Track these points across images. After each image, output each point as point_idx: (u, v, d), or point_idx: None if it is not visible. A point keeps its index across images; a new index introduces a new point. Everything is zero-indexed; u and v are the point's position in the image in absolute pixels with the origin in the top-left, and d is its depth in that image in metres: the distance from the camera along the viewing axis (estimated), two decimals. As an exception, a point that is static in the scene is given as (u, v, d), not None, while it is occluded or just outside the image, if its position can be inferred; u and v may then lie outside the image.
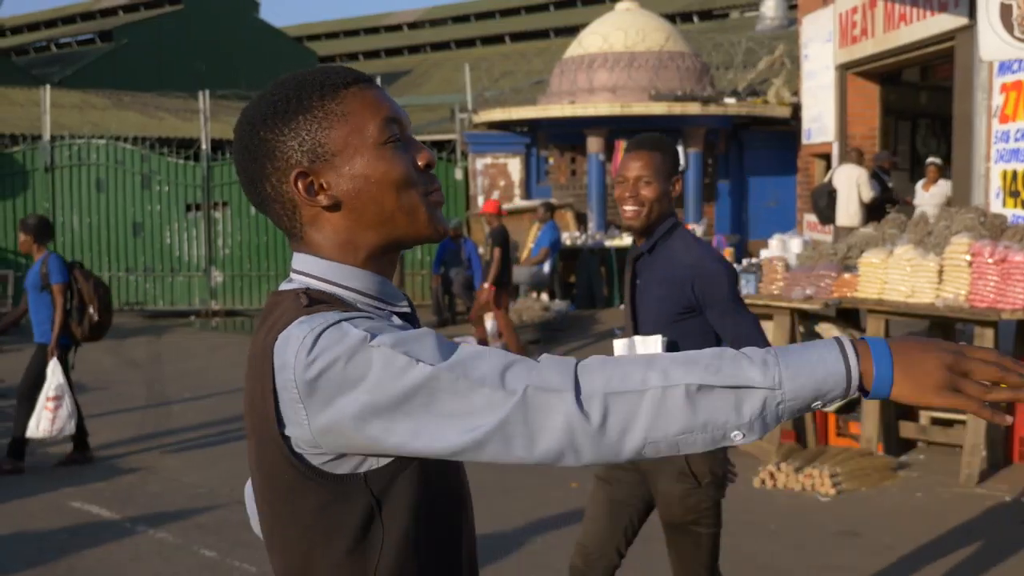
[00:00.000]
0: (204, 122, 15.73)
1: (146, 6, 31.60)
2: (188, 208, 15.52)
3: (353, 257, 1.44)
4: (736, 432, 1.22)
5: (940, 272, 6.26)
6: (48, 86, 16.57)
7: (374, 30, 37.95)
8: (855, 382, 1.22)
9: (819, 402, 1.23)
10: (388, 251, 1.47)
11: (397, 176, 1.42)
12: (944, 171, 11.76)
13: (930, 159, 12.14)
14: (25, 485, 6.58)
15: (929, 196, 11.67)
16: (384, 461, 1.34)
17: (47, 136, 15.58)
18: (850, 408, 6.90)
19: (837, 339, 1.25)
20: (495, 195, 15.67)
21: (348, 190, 1.42)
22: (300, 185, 1.41)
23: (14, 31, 35.17)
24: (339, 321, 1.29)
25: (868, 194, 11.54)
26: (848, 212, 11.57)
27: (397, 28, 37.29)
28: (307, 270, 1.43)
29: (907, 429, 6.80)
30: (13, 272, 14.75)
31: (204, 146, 15.59)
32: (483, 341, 10.87)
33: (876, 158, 12.38)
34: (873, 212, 11.11)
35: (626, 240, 14.11)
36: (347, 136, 1.41)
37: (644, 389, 1.22)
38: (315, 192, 1.42)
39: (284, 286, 1.44)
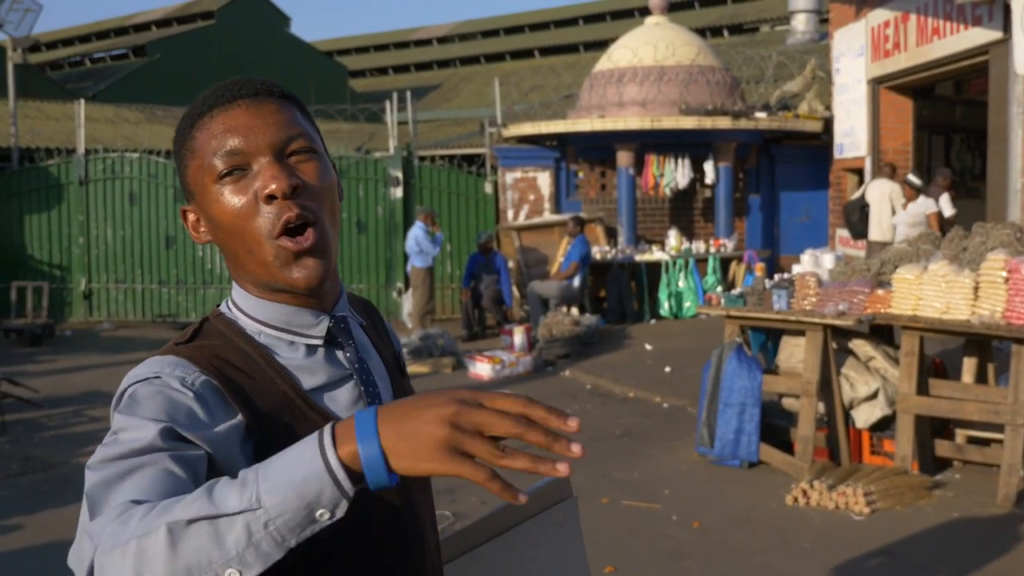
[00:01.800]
0: (236, 136, 15.79)
1: (178, 21, 31.90)
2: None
3: (250, 289, 1.37)
4: (230, 570, 0.99)
5: (976, 288, 6.19)
6: (82, 100, 16.75)
7: (404, 44, 38.12)
8: (340, 476, 1.01)
9: (322, 512, 1.01)
10: (278, 290, 1.35)
11: (226, 219, 1.31)
12: (922, 189, 11.21)
13: (907, 176, 11.52)
14: (61, 495, 6.62)
15: (906, 215, 11.11)
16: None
17: (81, 150, 15.75)
18: (884, 426, 6.83)
19: (322, 429, 1.04)
20: (525, 209, 15.69)
21: (210, 231, 1.36)
22: (188, 221, 1.38)
23: (49, 46, 35.58)
24: (145, 379, 1.23)
25: (901, 208, 11.43)
26: (881, 227, 11.50)
27: (427, 43, 37.43)
28: (233, 293, 1.40)
29: (943, 448, 6.73)
30: (48, 284, 14.90)
31: (236, 160, 15.66)
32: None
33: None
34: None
35: (657, 254, 14.09)
36: (196, 173, 1.34)
37: (126, 542, 1.01)
38: (197, 230, 1.38)
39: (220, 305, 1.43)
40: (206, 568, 0.99)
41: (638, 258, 13.98)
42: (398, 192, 15.59)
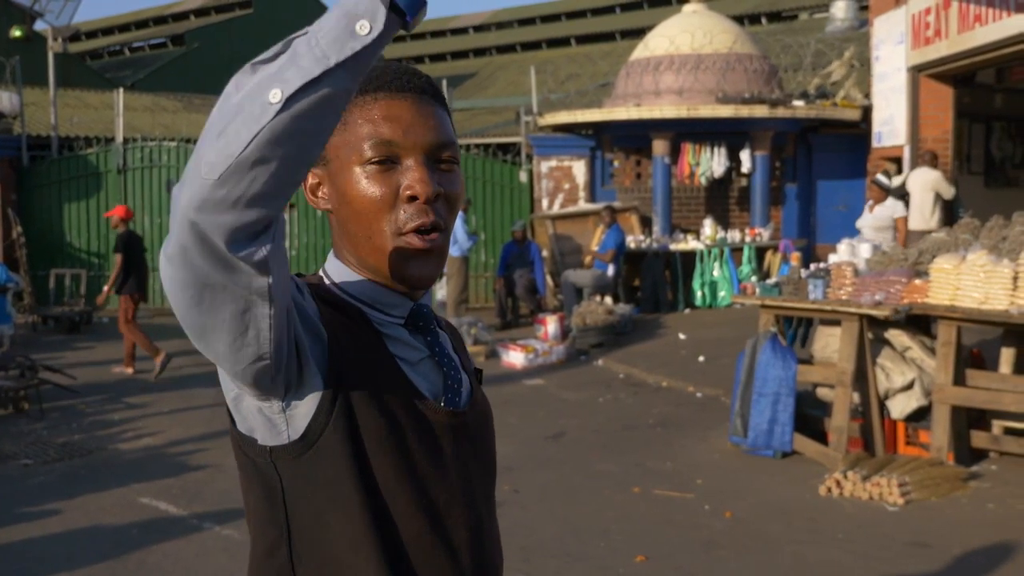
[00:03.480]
0: (272, 124, 15.89)
1: (217, 10, 32.09)
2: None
3: (351, 262, 1.39)
4: (273, 89, 1.03)
5: (1015, 279, 6.11)
6: (121, 89, 16.91)
7: (440, 33, 38.12)
8: None
9: (362, 23, 1.04)
10: (376, 272, 1.38)
11: (359, 203, 1.33)
12: (890, 191, 10.58)
13: (876, 176, 10.86)
14: (98, 481, 6.71)
15: (873, 218, 10.57)
16: (284, 436, 1.27)
17: (120, 138, 15.90)
18: (920, 416, 6.77)
19: None
20: (560, 198, 15.67)
21: (333, 201, 1.37)
22: (306, 184, 1.39)
23: (89, 35, 35.90)
24: None
25: (950, 193, 11.29)
26: (923, 215, 11.36)
27: (463, 31, 37.41)
28: (327, 264, 1.43)
29: (979, 439, 6.66)
30: (86, 271, 15.07)
31: (272, 148, 15.76)
32: (131, 354, 10.56)
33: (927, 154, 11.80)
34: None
35: (691, 243, 14.02)
36: (340, 146, 1.35)
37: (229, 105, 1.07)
38: (316, 194, 1.39)
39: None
40: (254, 91, 1.04)
41: (673, 247, 13.92)
42: (433, 181, 15.59)
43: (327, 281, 1.40)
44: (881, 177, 10.71)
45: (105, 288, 10.58)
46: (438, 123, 1.36)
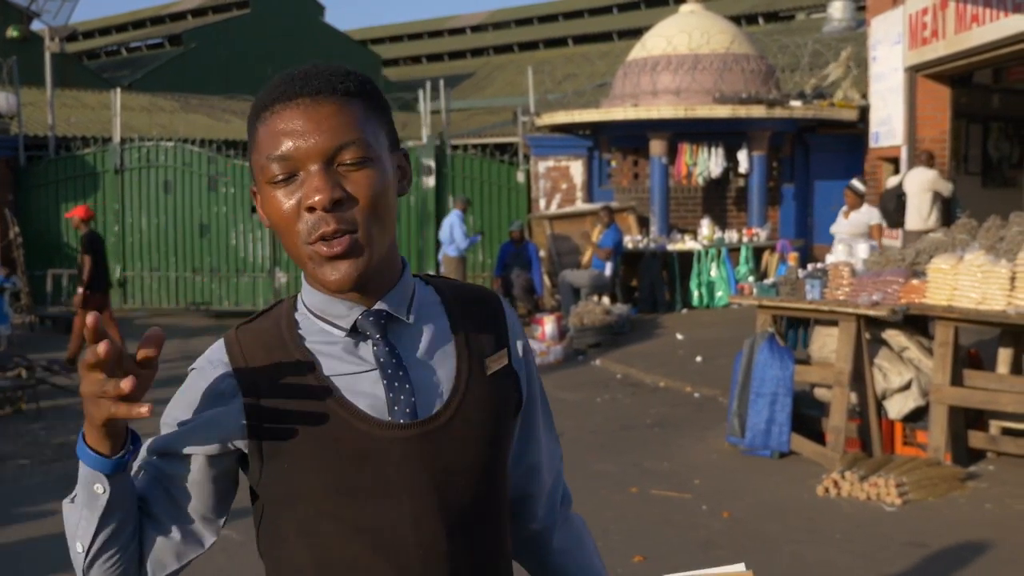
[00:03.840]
0: (270, 125, 15.90)
1: (214, 10, 32.06)
2: (253, 210, 15.68)
3: (306, 277, 1.41)
4: (78, 542, 1.37)
5: (1012, 279, 6.11)
6: (118, 89, 16.89)
7: (437, 33, 38.12)
8: (89, 459, 1.29)
9: (97, 486, 1.29)
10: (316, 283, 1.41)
11: (274, 218, 1.35)
12: (865, 196, 10.35)
13: (851, 182, 10.61)
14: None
15: (848, 224, 10.30)
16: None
17: (117, 138, 15.89)
18: (917, 417, 6.77)
19: None
20: (557, 198, 15.67)
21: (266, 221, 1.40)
22: (256, 201, 1.41)
23: (86, 35, 35.86)
24: (194, 368, 1.43)
25: (948, 190, 11.30)
26: (920, 215, 11.37)
27: (460, 31, 37.41)
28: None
29: (977, 439, 6.66)
30: (84, 271, 15.04)
31: (270, 148, 15.76)
32: (72, 359, 10.52)
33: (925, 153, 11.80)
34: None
35: (689, 243, 14.02)
36: (255, 166, 1.37)
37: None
38: (264, 214, 1.40)
39: None
40: (71, 539, 1.36)
41: (670, 247, 13.93)
42: (430, 181, 15.61)
43: (300, 301, 1.44)
44: (855, 182, 10.47)
45: (80, 289, 10.57)
46: (336, 124, 1.32)
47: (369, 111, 1.37)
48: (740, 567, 1.68)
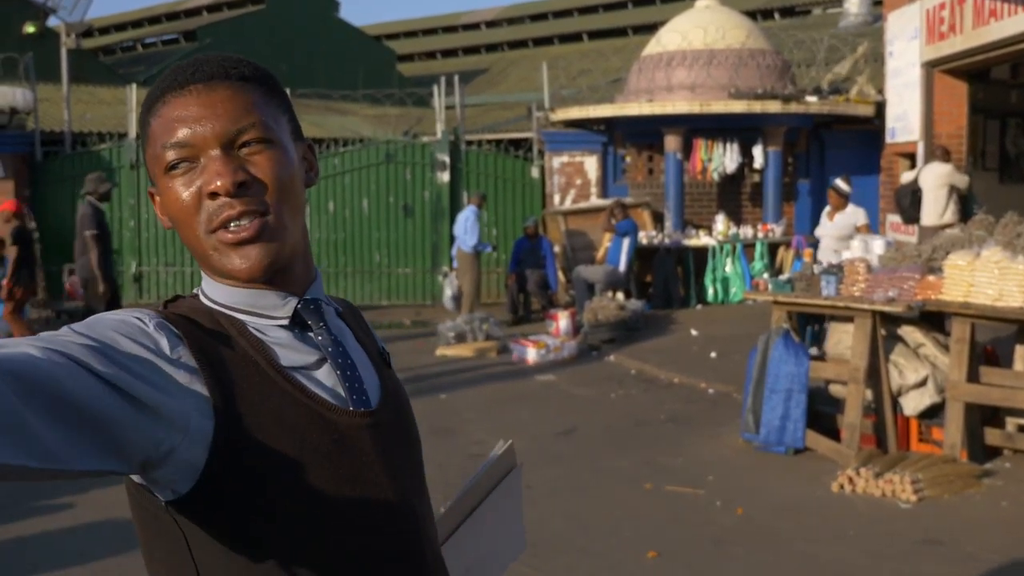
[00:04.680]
0: (285, 120, 15.93)
1: (229, 6, 32.12)
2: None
3: (213, 275, 1.31)
4: None
5: (1029, 275, 6.07)
6: (134, 85, 16.93)
7: (452, 29, 38.10)
8: None
9: None
10: (230, 277, 1.29)
11: (173, 210, 1.27)
12: (850, 197, 9.87)
13: (835, 182, 10.07)
14: (114, 476, 6.71)
15: (832, 227, 9.78)
16: (180, 489, 1.19)
17: (133, 134, 15.93)
18: (933, 413, 6.74)
19: None
20: (571, 193, 15.64)
21: (168, 217, 1.30)
22: (155, 203, 1.33)
23: (102, 31, 35.98)
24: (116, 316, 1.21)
25: (965, 183, 11.23)
26: (936, 211, 11.31)
27: (475, 27, 37.38)
28: (203, 282, 1.35)
29: (993, 436, 6.62)
30: (99, 266, 15.09)
31: (284, 144, 15.80)
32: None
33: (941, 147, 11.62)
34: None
35: (704, 239, 13.98)
36: (151, 160, 1.29)
37: None
38: (162, 212, 1.32)
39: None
40: None
41: (685, 243, 13.89)
42: (445, 176, 15.61)
43: (205, 300, 1.32)
44: (839, 183, 9.95)
45: (5, 282, 10.64)
46: (231, 107, 1.26)
47: (267, 96, 1.31)
48: (500, 444, 1.74)
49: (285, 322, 1.31)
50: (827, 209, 10.01)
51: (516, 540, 1.83)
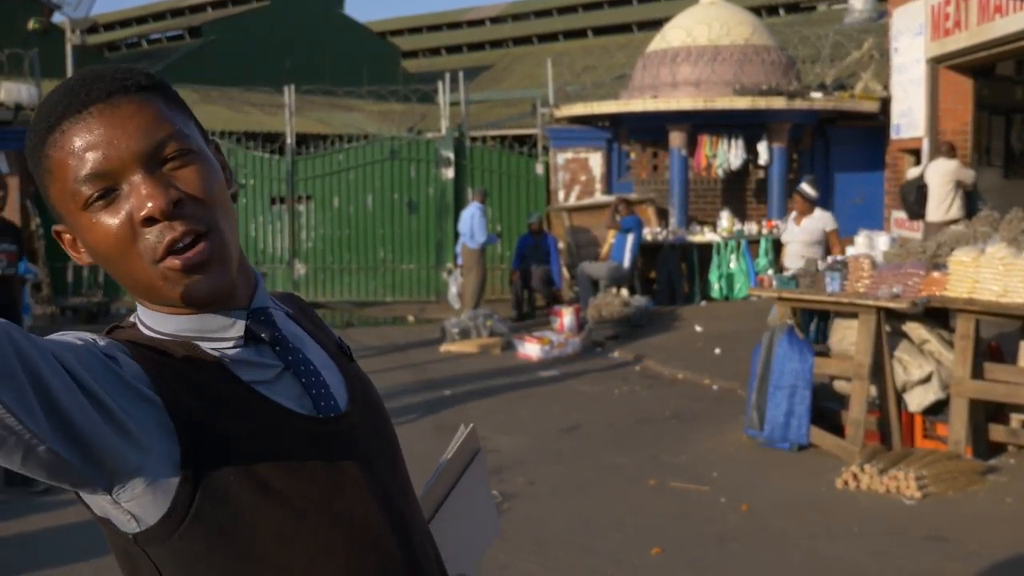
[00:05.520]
0: (289, 117, 15.96)
1: (233, 2, 32.13)
2: (272, 201, 15.77)
3: (152, 305, 1.21)
4: None
5: (1034, 271, 6.06)
6: (139, 81, 16.92)
7: (456, 25, 38.09)
8: None
9: None
10: (175, 306, 1.20)
11: (103, 247, 1.15)
12: (816, 201, 9.40)
13: (800, 186, 9.56)
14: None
15: (800, 231, 9.34)
16: (145, 522, 1.14)
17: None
18: (937, 410, 6.73)
19: None
20: (576, 190, 15.63)
21: (90, 256, 1.19)
22: (64, 242, 1.22)
23: (106, 27, 36.01)
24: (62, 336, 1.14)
25: (971, 177, 11.22)
26: (941, 207, 11.30)
27: (479, 23, 37.36)
28: (138, 310, 1.25)
29: (997, 432, 6.61)
30: (104, 263, 15.12)
31: (289, 140, 15.82)
32: None
33: (946, 144, 11.57)
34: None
35: (708, 235, 13.97)
36: (58, 198, 1.17)
37: None
38: (77, 249, 1.21)
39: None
40: None
41: (689, 239, 13.88)
42: (449, 173, 15.61)
43: (143, 328, 1.23)
44: (805, 187, 9.42)
45: None
46: (142, 122, 1.15)
47: (170, 103, 1.21)
48: (461, 429, 1.75)
49: (239, 342, 1.23)
50: (793, 214, 9.56)
51: (489, 525, 1.82)
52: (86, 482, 1.08)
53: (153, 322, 1.22)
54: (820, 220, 9.32)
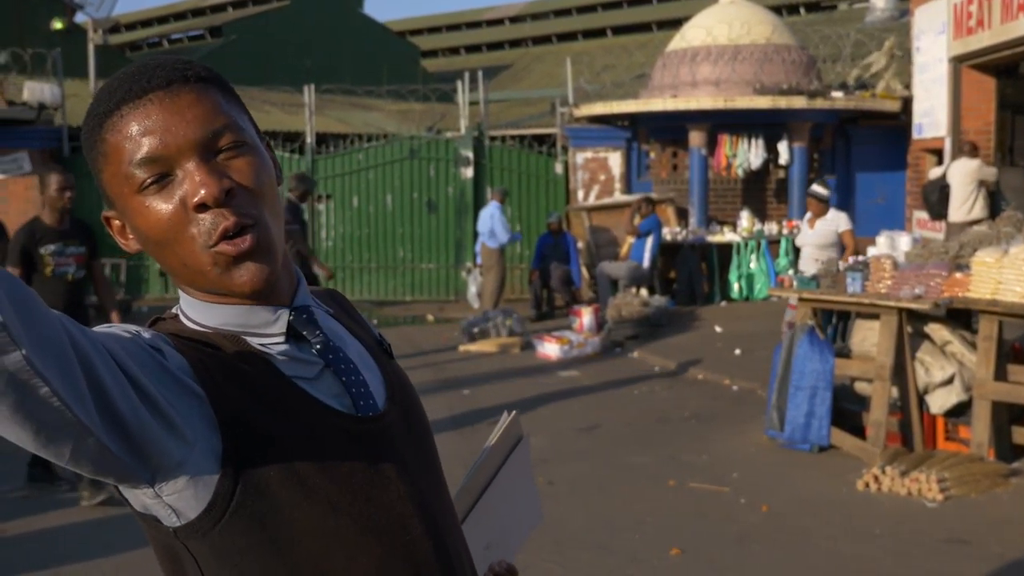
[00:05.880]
0: (309, 116, 16.01)
1: (254, 2, 32.26)
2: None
3: (195, 293, 1.23)
4: None
5: (1058, 272, 6.01)
6: (160, 81, 17.00)
7: (476, 24, 38.13)
8: None
9: None
10: (221, 295, 1.21)
11: (154, 232, 1.17)
12: (830, 202, 9.33)
13: (812, 187, 9.43)
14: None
15: (815, 234, 9.22)
16: (187, 515, 1.15)
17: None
18: (960, 412, 6.69)
19: None
20: (595, 189, 15.61)
21: (139, 242, 1.22)
22: (113, 228, 1.24)
23: (128, 27, 36.23)
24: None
25: (994, 175, 11.14)
26: (963, 207, 11.22)
27: (499, 22, 37.38)
28: (181, 302, 1.27)
29: (1021, 434, 6.56)
30: (126, 261, 15.20)
31: (309, 139, 15.87)
32: None
33: (968, 143, 11.61)
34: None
35: (728, 235, 13.92)
36: (114, 181, 1.19)
37: None
38: (125, 236, 1.24)
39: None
40: None
41: (709, 239, 13.84)
42: (469, 172, 15.62)
43: (186, 321, 1.24)
44: (816, 188, 9.34)
45: None
46: (200, 111, 1.17)
47: (227, 97, 1.23)
48: (505, 416, 1.74)
49: (281, 338, 1.24)
50: (807, 216, 9.46)
51: (532, 511, 1.82)
52: (130, 475, 1.09)
53: (197, 314, 1.24)
54: (833, 222, 9.25)
